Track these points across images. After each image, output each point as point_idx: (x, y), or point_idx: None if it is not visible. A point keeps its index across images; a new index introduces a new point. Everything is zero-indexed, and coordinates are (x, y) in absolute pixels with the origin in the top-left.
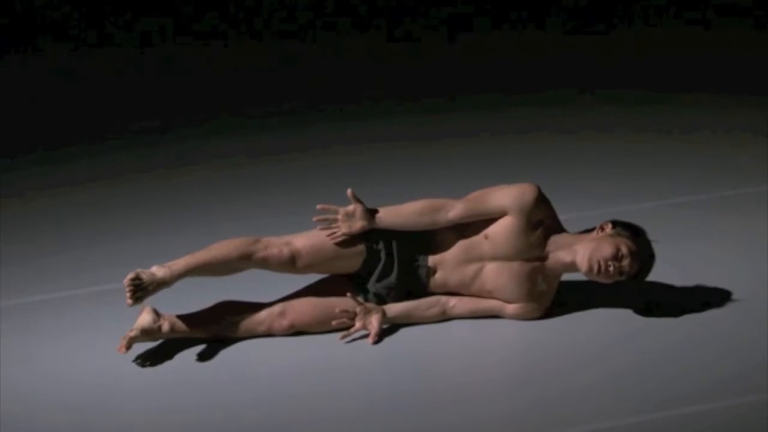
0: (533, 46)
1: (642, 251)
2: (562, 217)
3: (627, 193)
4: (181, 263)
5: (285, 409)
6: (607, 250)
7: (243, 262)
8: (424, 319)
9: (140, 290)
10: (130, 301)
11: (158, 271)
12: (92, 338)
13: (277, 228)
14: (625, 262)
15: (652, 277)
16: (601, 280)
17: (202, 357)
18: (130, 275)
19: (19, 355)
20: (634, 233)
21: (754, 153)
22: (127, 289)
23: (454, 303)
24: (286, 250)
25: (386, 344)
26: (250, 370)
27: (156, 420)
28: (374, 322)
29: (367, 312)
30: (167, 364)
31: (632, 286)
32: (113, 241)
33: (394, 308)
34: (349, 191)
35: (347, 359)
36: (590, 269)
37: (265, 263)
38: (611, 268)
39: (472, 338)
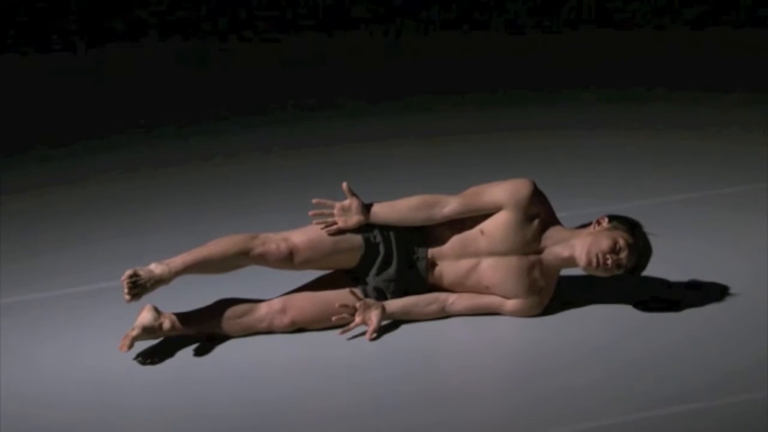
0: (533, 44)
1: (639, 244)
2: (561, 215)
3: (626, 191)
4: (178, 260)
5: (285, 406)
6: (604, 243)
7: (241, 258)
8: (424, 316)
9: (138, 287)
10: (127, 297)
11: (156, 268)
12: (92, 336)
13: (276, 225)
14: (623, 255)
15: (650, 274)
16: (600, 273)
17: (203, 354)
18: (128, 272)
19: (19, 353)
20: (631, 226)
21: (753, 151)
22: (125, 285)
23: (454, 300)
24: (283, 246)
25: (386, 342)
26: (251, 367)
27: (157, 417)
28: (373, 318)
29: (367, 307)
30: (168, 362)
31: (630, 282)
32: (112, 240)
33: (393, 304)
34: (344, 185)
35: (347, 357)
36: (589, 263)
37: (263, 259)
38: (609, 261)
39: (471, 336)
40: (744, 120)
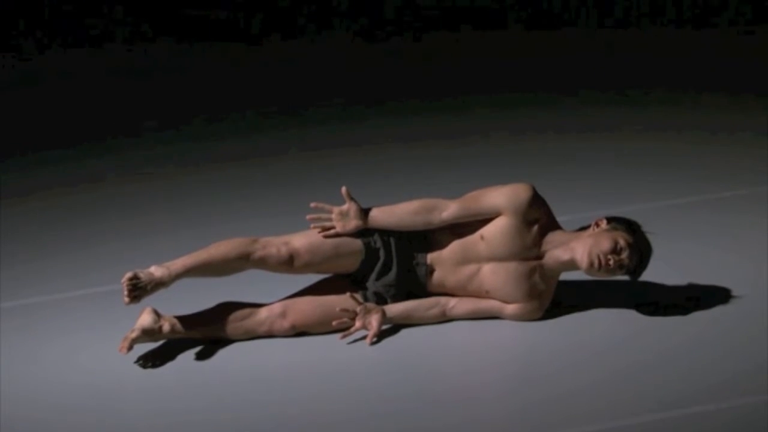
0: (532, 45)
1: (639, 243)
2: (561, 219)
3: (626, 194)
4: (179, 263)
5: (285, 409)
6: (605, 244)
7: (241, 261)
8: (424, 320)
9: (138, 290)
10: (127, 299)
11: (156, 270)
12: (93, 339)
13: (276, 227)
14: (624, 255)
15: (651, 278)
16: (602, 275)
17: (203, 358)
18: (128, 274)
19: (19, 356)
20: (630, 227)
21: (753, 153)
22: (125, 288)
23: (454, 304)
24: (284, 250)
25: (386, 345)
26: (251, 371)
27: (157, 421)
28: (374, 322)
29: (367, 312)
30: (168, 365)
31: (631, 285)
32: (113, 242)
33: (394, 308)
34: (343, 189)
35: (347, 360)
36: (591, 265)
37: (264, 263)
38: (611, 262)
39: (472, 339)
40: (744, 122)
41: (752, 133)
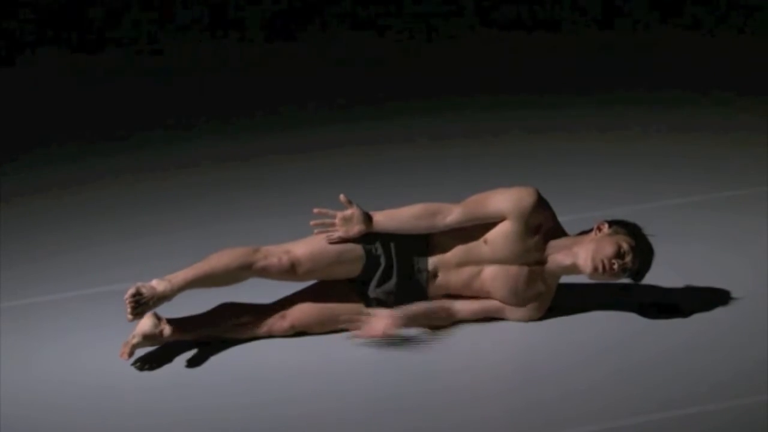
0: (531, 46)
1: (642, 246)
2: (562, 219)
3: (627, 194)
4: (180, 276)
5: (286, 410)
6: (608, 248)
7: (243, 272)
8: (429, 323)
9: (141, 305)
10: (130, 316)
11: (158, 285)
12: (92, 340)
13: (277, 227)
14: (628, 259)
15: (651, 278)
16: (606, 279)
17: (203, 359)
18: (131, 290)
19: (19, 357)
20: (631, 230)
21: (753, 153)
22: (128, 304)
23: (456, 305)
24: (285, 259)
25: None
26: (251, 371)
27: (156, 422)
28: (377, 324)
29: (372, 316)
30: (167, 367)
31: (631, 285)
32: (113, 242)
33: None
34: (342, 197)
35: (347, 360)
36: (595, 269)
37: (266, 272)
38: (615, 266)
39: (473, 339)
40: (744, 122)
41: (752, 133)
